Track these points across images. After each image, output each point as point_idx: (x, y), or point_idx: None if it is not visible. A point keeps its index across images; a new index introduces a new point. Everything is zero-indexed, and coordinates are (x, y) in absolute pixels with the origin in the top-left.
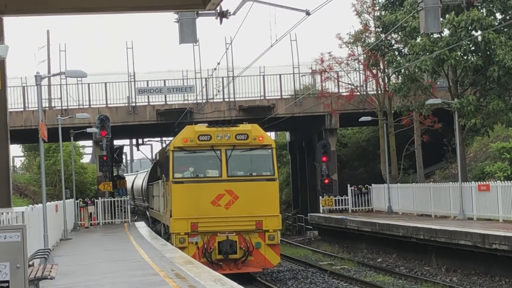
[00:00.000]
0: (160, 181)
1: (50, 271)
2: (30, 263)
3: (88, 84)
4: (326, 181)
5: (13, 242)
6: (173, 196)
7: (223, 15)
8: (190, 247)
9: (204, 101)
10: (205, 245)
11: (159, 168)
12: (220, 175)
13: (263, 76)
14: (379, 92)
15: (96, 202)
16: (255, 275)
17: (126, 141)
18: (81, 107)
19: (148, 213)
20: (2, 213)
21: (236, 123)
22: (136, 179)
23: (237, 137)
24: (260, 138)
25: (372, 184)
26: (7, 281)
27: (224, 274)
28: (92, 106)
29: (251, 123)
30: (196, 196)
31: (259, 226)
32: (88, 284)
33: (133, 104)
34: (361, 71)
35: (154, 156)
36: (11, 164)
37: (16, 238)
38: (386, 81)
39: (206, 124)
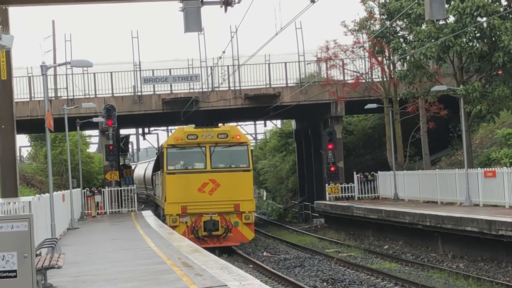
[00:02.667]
0: (159, 171)
1: (58, 260)
2: (37, 252)
3: (94, 73)
4: (332, 168)
5: (20, 231)
6: (167, 184)
7: (227, 3)
8: (181, 225)
9: (209, 89)
10: (193, 224)
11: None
12: (205, 167)
13: (269, 64)
14: (385, 79)
15: (103, 191)
16: (234, 248)
17: (132, 131)
18: (87, 96)
19: (153, 200)
20: (9, 203)
21: (218, 125)
22: (136, 169)
23: (219, 136)
24: (238, 137)
25: (378, 172)
26: (15, 271)
27: (208, 248)
28: (98, 96)
29: (257, 112)
30: (185, 184)
31: (237, 208)
32: (96, 273)
33: (139, 94)
34: (367, 59)
35: (158, 148)
36: (18, 154)
37: (23, 227)
38: (392, 68)
39: (194, 126)
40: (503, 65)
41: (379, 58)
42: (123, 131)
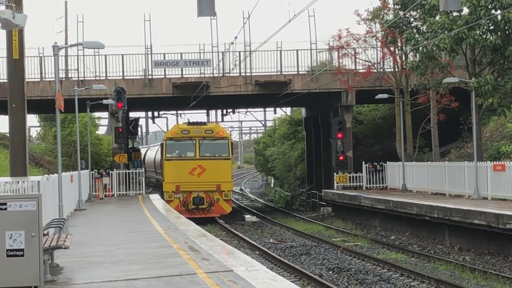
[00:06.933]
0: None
1: (65, 241)
2: (45, 232)
3: (105, 55)
4: (341, 157)
5: (29, 211)
6: (165, 168)
7: None
8: (175, 200)
9: (220, 75)
10: (184, 199)
11: None
12: (195, 155)
13: (280, 51)
14: (396, 69)
15: (111, 173)
16: (216, 219)
17: (141, 114)
18: (98, 78)
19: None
20: (18, 182)
21: (205, 123)
22: None
23: (206, 132)
24: (220, 133)
25: (387, 162)
26: (22, 250)
27: (195, 218)
28: (108, 78)
29: (267, 98)
30: (179, 168)
31: (218, 187)
32: (102, 254)
33: (150, 77)
34: (379, 48)
35: None
36: (27, 134)
37: (32, 207)
38: (404, 58)
39: (187, 123)
40: None
41: (392, 48)
42: (132, 114)
